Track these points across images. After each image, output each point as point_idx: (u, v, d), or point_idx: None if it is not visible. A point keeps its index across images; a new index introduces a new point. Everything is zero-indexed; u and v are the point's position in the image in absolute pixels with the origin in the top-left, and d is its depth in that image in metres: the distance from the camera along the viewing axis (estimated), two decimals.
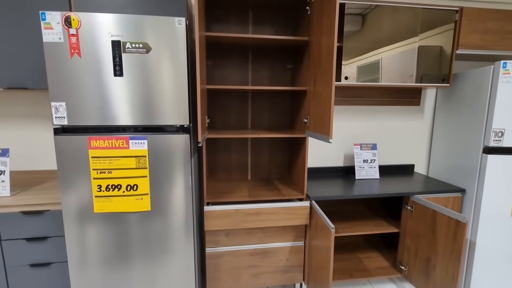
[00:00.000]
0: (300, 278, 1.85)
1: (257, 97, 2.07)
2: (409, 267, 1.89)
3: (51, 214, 1.51)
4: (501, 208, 1.74)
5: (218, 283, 1.76)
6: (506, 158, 1.69)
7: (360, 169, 2.12)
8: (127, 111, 1.32)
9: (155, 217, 1.44)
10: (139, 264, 1.47)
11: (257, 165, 2.15)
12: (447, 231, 1.58)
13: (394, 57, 1.84)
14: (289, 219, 1.71)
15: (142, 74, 1.30)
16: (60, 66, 1.25)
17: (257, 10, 1.96)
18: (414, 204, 1.81)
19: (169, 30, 1.29)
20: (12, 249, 1.51)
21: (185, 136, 1.40)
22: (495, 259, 1.79)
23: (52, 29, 1.22)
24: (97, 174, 1.34)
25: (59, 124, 1.30)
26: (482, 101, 1.75)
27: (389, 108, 2.27)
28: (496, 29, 1.92)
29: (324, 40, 1.40)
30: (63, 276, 1.58)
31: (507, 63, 1.61)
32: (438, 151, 2.21)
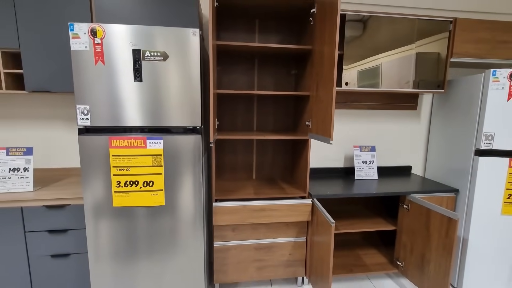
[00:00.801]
0: (302, 272, 1.96)
1: (262, 101, 2.19)
2: (405, 263, 1.99)
3: (71, 208, 1.63)
4: (492, 207, 1.85)
5: (225, 275, 1.87)
6: (496, 160, 1.80)
7: (359, 170, 2.23)
8: (145, 113, 1.44)
9: (168, 212, 1.55)
10: (153, 256, 1.58)
11: (261, 165, 2.27)
12: (440, 228, 1.69)
13: (391, 63, 1.96)
14: (292, 216, 1.83)
15: (159, 79, 1.42)
16: (85, 72, 1.38)
17: (263, 20, 2.08)
18: (410, 203, 1.93)
19: (184, 40, 1.41)
20: (35, 240, 1.63)
21: (197, 136, 1.52)
22: (486, 255, 1.89)
23: (79, 38, 1.35)
24: (116, 171, 1.46)
25: (83, 125, 1.42)
26: (474, 106, 1.86)
27: (387, 112, 2.38)
28: (488, 39, 2.04)
29: (326, 49, 1.52)
30: (81, 267, 1.69)
31: (496, 71, 1.73)
32: (434, 153, 2.32)
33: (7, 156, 1.67)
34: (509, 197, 1.82)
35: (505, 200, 1.82)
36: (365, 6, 2.21)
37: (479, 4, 2.30)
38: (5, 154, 1.67)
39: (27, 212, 1.59)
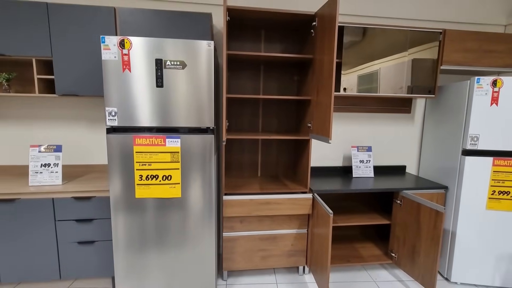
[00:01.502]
0: (303, 261, 2.13)
1: (267, 104, 2.38)
2: (398, 254, 2.16)
3: (97, 200, 1.82)
4: (477, 202, 2.01)
5: (233, 263, 2.05)
6: (481, 159, 1.97)
7: (357, 169, 2.41)
8: (165, 115, 1.63)
9: (184, 203, 1.73)
10: (171, 243, 1.76)
11: (266, 164, 2.45)
12: (429, 221, 1.86)
13: (386, 70, 2.14)
14: (294, 209, 2.00)
15: (178, 85, 1.61)
16: (114, 79, 1.57)
17: (269, 30, 2.28)
18: (402, 198, 2.10)
19: (200, 50, 1.60)
20: (64, 228, 1.82)
21: (210, 136, 1.70)
22: (473, 246, 2.05)
23: (110, 49, 1.55)
24: (139, 166, 1.65)
25: (111, 125, 1.61)
26: (461, 110, 2.04)
27: (383, 115, 2.56)
28: (475, 48, 2.22)
29: (325, 58, 1.71)
30: (104, 252, 1.88)
31: (480, 79, 1.91)
32: (427, 153, 2.50)
33: (39, 153, 1.87)
34: (493, 193, 1.98)
35: (490, 196, 1.99)
36: (361, 18, 2.40)
37: (467, 15, 2.49)
38: (38, 151, 1.86)
39: (57, 203, 1.79)
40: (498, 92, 1.90)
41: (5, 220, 1.76)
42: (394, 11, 2.42)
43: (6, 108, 2.13)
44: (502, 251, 2.03)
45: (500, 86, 1.89)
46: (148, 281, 1.78)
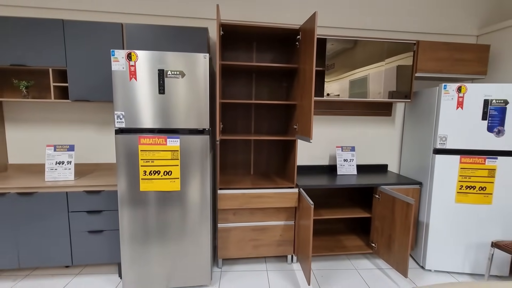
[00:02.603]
0: (291, 250, 2.35)
1: (259, 108, 2.61)
2: (377, 244, 2.38)
3: (105, 194, 2.05)
4: (447, 196, 2.23)
5: (227, 251, 2.26)
6: (449, 158, 2.19)
7: (341, 167, 2.63)
8: (166, 118, 1.87)
9: (182, 196, 1.96)
10: (170, 232, 1.98)
11: (258, 163, 2.68)
12: (401, 212, 2.08)
13: (367, 77, 2.38)
14: (282, 202, 2.22)
15: (178, 92, 1.85)
16: (122, 86, 1.81)
17: (260, 42, 2.52)
18: (380, 193, 2.32)
19: (197, 62, 1.84)
20: (76, 219, 2.04)
21: (206, 136, 1.93)
22: (444, 236, 2.26)
23: (118, 61, 1.79)
24: (143, 163, 1.88)
25: (119, 127, 1.85)
26: (432, 113, 2.27)
27: (366, 118, 2.80)
28: (446, 57, 2.46)
29: (307, 68, 1.95)
30: (112, 241, 2.10)
31: (447, 85, 2.14)
32: (406, 153, 2.72)
33: (54, 152, 2.10)
34: (461, 188, 2.20)
35: (458, 190, 2.21)
36: (343, 30, 2.64)
37: (439, 27, 2.73)
38: (53, 150, 2.10)
39: (71, 196, 2.01)
40: (463, 97, 2.13)
41: (24, 211, 1.98)
42: (373, 23, 2.66)
43: (25, 112, 2.37)
44: (471, 241, 2.24)
45: (464, 92, 2.12)
46: (151, 268, 1.99)
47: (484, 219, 2.21)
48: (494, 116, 2.12)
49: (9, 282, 2.10)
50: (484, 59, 2.49)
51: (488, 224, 2.21)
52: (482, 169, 2.16)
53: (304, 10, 2.57)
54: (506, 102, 2.10)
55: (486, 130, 2.14)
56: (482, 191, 2.18)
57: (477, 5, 2.75)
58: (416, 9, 2.69)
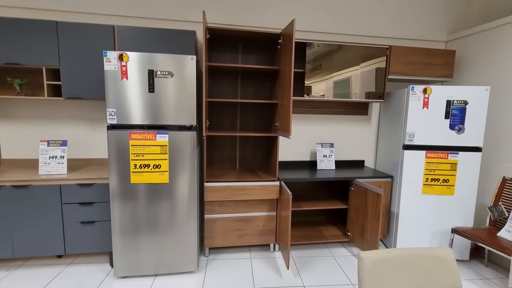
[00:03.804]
0: (273, 239, 2.52)
1: (244, 107, 2.77)
2: (353, 233, 2.58)
3: (97, 186, 2.17)
4: (415, 188, 2.45)
5: (213, 241, 2.42)
6: (416, 153, 2.41)
7: (320, 162, 2.83)
8: (155, 115, 2.00)
9: (171, 188, 2.10)
10: (159, 223, 2.11)
11: (244, 158, 2.84)
12: (372, 202, 2.29)
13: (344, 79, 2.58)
14: (265, 194, 2.39)
15: (166, 91, 1.99)
16: (114, 85, 1.93)
17: (245, 44, 2.69)
18: (355, 185, 2.52)
19: (185, 63, 1.99)
20: (69, 210, 2.15)
21: (193, 132, 2.08)
22: (412, 224, 2.48)
23: (111, 62, 1.91)
24: (134, 157, 2.01)
25: (111, 123, 1.97)
26: (401, 112, 2.48)
27: (344, 117, 3.00)
28: (416, 61, 2.68)
29: (286, 69, 2.12)
30: (103, 231, 2.21)
31: (414, 87, 2.35)
32: (381, 149, 2.94)
33: (48, 146, 2.21)
34: (427, 180, 2.42)
35: (424, 182, 2.43)
36: (322, 35, 2.84)
37: (410, 32, 2.96)
38: (47, 145, 2.20)
39: (64, 189, 2.13)
40: (428, 98, 2.35)
41: (19, 203, 2.08)
42: (351, 28, 2.86)
43: (19, 109, 2.46)
44: (435, 228, 2.47)
45: (429, 93, 2.34)
46: (141, 256, 2.12)
47: (447, 208, 2.44)
48: (455, 115, 2.35)
49: (3, 271, 2.19)
50: (450, 63, 2.73)
51: (451, 213, 2.44)
52: (445, 163, 2.39)
53: (288, 15, 2.74)
54: (466, 102, 2.33)
55: (449, 128, 2.36)
56: (445, 183, 2.41)
57: (446, 13, 2.99)
58: (391, 17, 2.91)
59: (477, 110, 2.33)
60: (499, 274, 2.31)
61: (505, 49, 2.42)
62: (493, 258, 2.50)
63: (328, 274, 2.24)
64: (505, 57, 2.41)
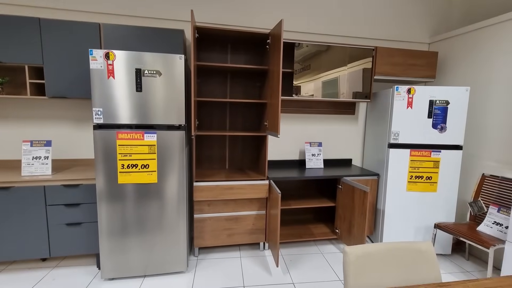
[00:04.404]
0: (263, 238, 2.54)
1: (234, 106, 2.78)
2: (340, 230, 2.63)
3: (83, 187, 2.13)
4: (400, 185, 2.52)
5: (203, 240, 2.42)
6: (401, 151, 2.48)
7: (309, 161, 2.87)
8: (143, 114, 1.99)
9: (159, 188, 2.08)
10: (147, 223, 2.09)
11: (233, 158, 2.85)
12: (359, 200, 2.34)
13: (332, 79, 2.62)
14: (254, 193, 2.41)
15: (155, 90, 1.97)
16: (100, 84, 1.90)
17: (234, 43, 2.69)
18: (343, 184, 2.57)
19: (173, 62, 1.98)
20: (54, 212, 2.10)
21: (182, 132, 2.07)
22: (396, 220, 2.56)
23: (97, 60, 1.88)
24: (121, 157, 1.99)
25: (97, 123, 1.94)
26: (387, 112, 2.55)
27: (332, 116, 3.05)
28: (401, 62, 2.76)
29: (275, 69, 2.14)
30: (90, 233, 2.18)
31: (399, 87, 2.42)
32: (368, 148, 3.00)
33: (31, 147, 2.15)
34: (411, 177, 2.50)
35: (408, 180, 2.50)
36: (310, 36, 2.88)
37: (395, 34, 3.04)
38: (30, 145, 2.14)
39: (48, 190, 2.07)
40: (412, 98, 2.42)
41: (1, 205, 2.02)
42: (339, 29, 2.92)
43: (0, 109, 2.38)
44: (419, 224, 2.55)
45: (413, 93, 2.42)
46: (129, 257, 2.09)
47: (430, 204, 2.52)
48: (438, 114, 2.43)
49: None
50: (433, 65, 2.82)
51: (434, 209, 2.52)
52: (428, 161, 2.47)
53: (277, 15, 2.77)
54: (448, 102, 2.42)
55: (431, 127, 2.45)
56: (429, 180, 2.49)
57: (429, 16, 3.09)
58: (378, 19, 2.98)
59: (458, 109, 2.42)
60: (478, 267, 2.41)
61: (484, 51, 2.52)
62: (474, 252, 2.61)
63: (317, 271, 2.28)
64: (484, 59, 2.52)
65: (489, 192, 2.35)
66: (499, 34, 2.40)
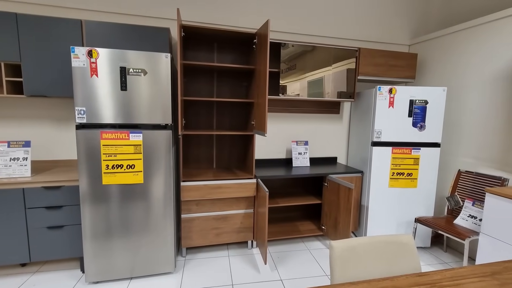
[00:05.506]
0: (251, 236, 2.56)
1: (220, 106, 2.78)
2: (326, 226, 2.69)
3: (66, 189, 2.06)
4: (382, 182, 2.61)
5: (191, 240, 2.40)
6: (383, 149, 2.57)
7: (296, 159, 2.91)
8: (128, 113, 1.95)
9: (146, 189, 2.05)
10: (134, 225, 2.06)
11: (221, 157, 2.85)
12: (344, 196, 2.41)
13: (317, 79, 2.67)
14: (241, 192, 2.42)
15: (140, 89, 1.94)
16: (83, 83, 1.85)
17: (221, 43, 2.69)
18: (329, 181, 2.63)
19: (159, 61, 1.95)
20: (34, 215, 2.03)
21: (168, 131, 2.05)
22: (379, 215, 2.65)
23: (79, 58, 1.83)
24: (106, 157, 1.94)
25: (80, 122, 1.89)
26: (370, 111, 2.64)
27: (318, 115, 3.11)
28: (383, 63, 2.85)
29: (262, 69, 2.17)
30: (73, 236, 2.11)
31: (381, 87, 2.51)
32: (352, 146, 3.09)
33: (8, 148, 2.06)
34: (393, 174, 2.60)
35: (391, 176, 2.60)
36: (296, 36, 2.92)
37: (378, 36, 3.15)
38: (7, 146, 2.05)
39: (28, 192, 2.00)
40: (393, 98, 2.52)
41: None
42: (324, 30, 2.98)
43: None
44: (401, 219, 2.66)
45: (395, 93, 2.51)
46: (115, 260, 2.05)
47: (411, 200, 2.63)
48: (417, 113, 2.54)
49: None
50: (412, 66, 2.94)
51: (414, 204, 2.64)
52: (409, 158, 2.58)
53: (263, 15, 2.79)
54: (426, 102, 2.53)
55: (412, 126, 2.55)
56: (409, 177, 2.60)
57: (409, 19, 3.21)
58: (361, 20, 3.06)
59: (436, 109, 2.54)
60: (455, 258, 2.54)
61: (459, 53, 2.66)
62: (451, 244, 2.74)
63: (304, 267, 2.32)
64: (459, 61, 2.65)
65: (465, 187, 2.48)
66: (472, 37, 2.54)
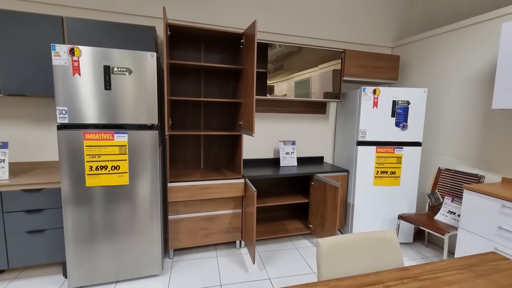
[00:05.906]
0: (239, 236, 2.56)
1: (208, 106, 2.76)
2: (314, 225, 2.74)
3: (47, 191, 1.99)
4: (367, 180, 2.68)
5: (178, 242, 2.38)
6: (368, 148, 2.64)
7: (283, 159, 2.94)
8: (113, 113, 1.90)
9: (131, 190, 2.01)
10: (119, 227, 2.02)
11: (208, 157, 2.83)
12: (331, 195, 2.45)
13: (304, 79, 2.71)
14: (230, 192, 2.42)
15: (125, 88, 1.90)
16: (64, 82, 1.79)
17: (208, 42, 2.67)
18: (315, 180, 2.67)
19: (145, 60, 1.92)
20: (12, 219, 1.94)
21: (154, 132, 2.02)
22: (364, 213, 2.72)
23: (60, 56, 1.77)
24: (89, 158, 1.89)
25: (61, 123, 1.83)
26: (355, 111, 2.70)
27: (305, 115, 3.15)
28: (367, 65, 2.93)
29: (249, 69, 2.17)
30: (55, 240, 2.04)
31: (365, 88, 2.57)
32: (339, 146, 3.15)
33: None
34: (377, 173, 2.67)
35: (375, 175, 2.67)
36: (283, 37, 2.95)
37: (362, 38, 3.23)
38: None
39: (5, 195, 1.91)
40: (377, 98, 2.59)
41: None
42: (310, 31, 3.02)
43: None
44: (385, 216, 2.74)
45: (378, 94, 2.59)
46: (99, 263, 2.00)
47: (394, 197, 2.72)
48: (400, 114, 2.63)
49: None
50: (395, 67, 3.03)
51: (397, 201, 2.72)
52: (392, 157, 2.66)
53: (251, 15, 2.79)
54: (408, 102, 2.62)
55: (394, 125, 2.63)
56: (393, 175, 2.68)
57: (392, 21, 3.31)
58: (346, 22, 3.13)
59: (418, 109, 2.63)
60: (436, 253, 2.65)
61: (437, 56, 2.77)
62: (432, 239, 2.85)
63: (292, 265, 2.35)
64: (438, 63, 2.76)
65: (445, 184, 2.59)
66: (448, 41, 2.65)
